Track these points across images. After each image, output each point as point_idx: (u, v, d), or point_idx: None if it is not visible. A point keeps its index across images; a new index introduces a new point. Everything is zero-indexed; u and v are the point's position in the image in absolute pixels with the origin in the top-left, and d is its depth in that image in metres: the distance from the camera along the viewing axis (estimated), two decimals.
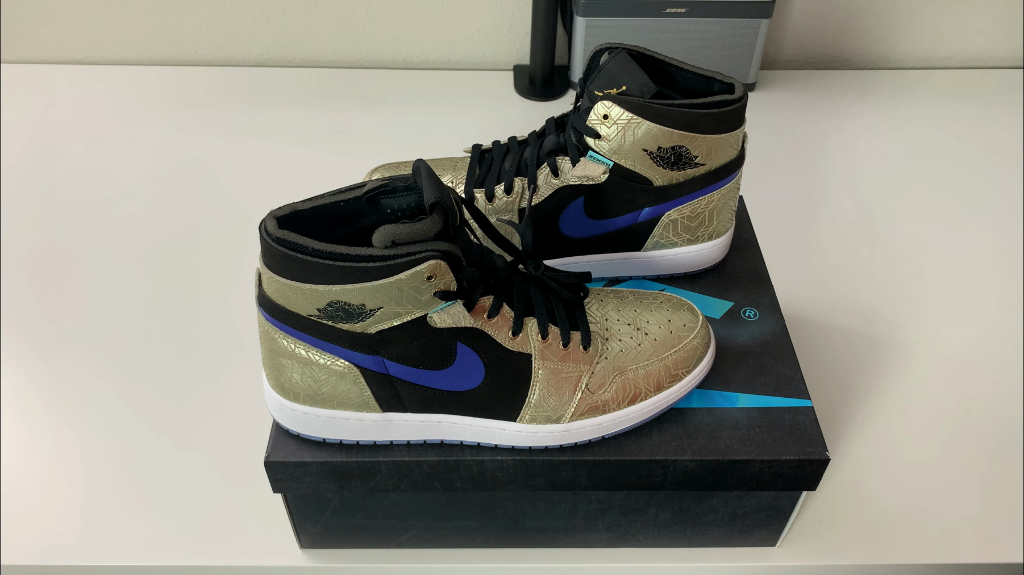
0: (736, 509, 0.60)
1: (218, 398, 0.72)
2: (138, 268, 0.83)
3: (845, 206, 0.93)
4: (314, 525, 0.60)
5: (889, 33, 1.13)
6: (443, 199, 0.47)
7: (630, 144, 0.59)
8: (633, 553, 0.63)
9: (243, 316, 0.79)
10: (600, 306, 0.57)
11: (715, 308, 0.65)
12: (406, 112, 1.05)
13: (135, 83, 1.08)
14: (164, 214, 0.89)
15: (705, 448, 0.55)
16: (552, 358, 0.53)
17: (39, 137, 0.99)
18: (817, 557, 0.63)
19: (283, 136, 1.00)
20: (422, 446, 0.55)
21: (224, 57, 1.13)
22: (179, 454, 0.68)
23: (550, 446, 0.55)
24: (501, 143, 0.66)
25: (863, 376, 0.75)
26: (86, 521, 0.63)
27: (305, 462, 0.55)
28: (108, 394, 0.72)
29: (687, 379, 0.57)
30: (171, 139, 0.99)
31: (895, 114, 1.07)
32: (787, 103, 1.08)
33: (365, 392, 0.52)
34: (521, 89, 1.09)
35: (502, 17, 1.10)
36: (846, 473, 0.67)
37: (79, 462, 0.67)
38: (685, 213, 0.63)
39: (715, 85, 0.61)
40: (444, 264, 0.47)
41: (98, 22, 1.09)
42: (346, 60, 1.14)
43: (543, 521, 0.61)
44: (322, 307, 0.48)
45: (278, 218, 0.48)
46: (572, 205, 0.62)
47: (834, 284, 0.83)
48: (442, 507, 0.59)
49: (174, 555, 0.62)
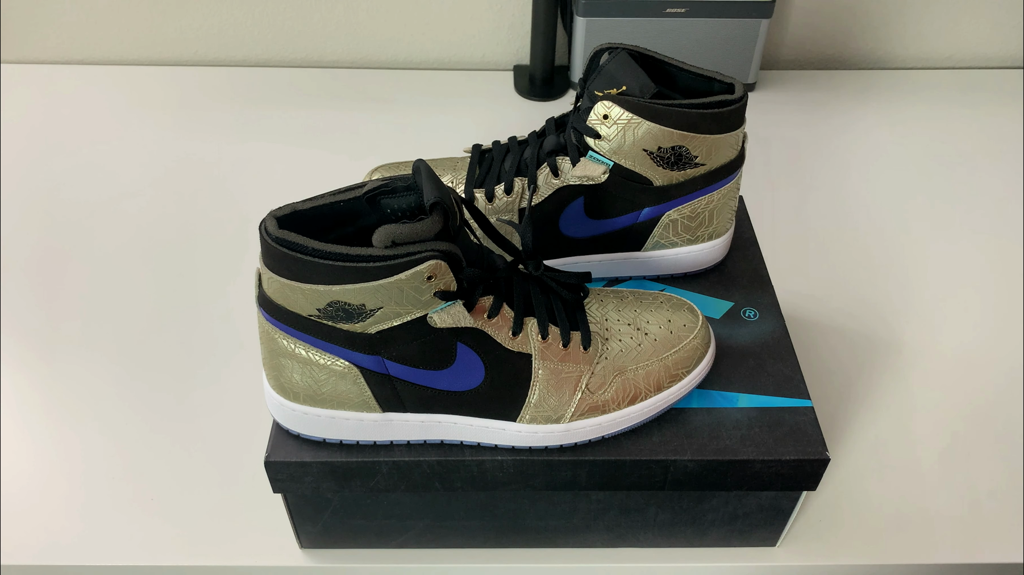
0: (736, 509, 0.60)
1: (218, 398, 0.72)
2: (138, 268, 0.83)
3: (845, 206, 0.93)
4: (314, 525, 0.60)
5: (889, 33, 1.13)
6: (443, 199, 0.47)
7: (630, 144, 0.59)
8: (633, 553, 0.63)
9: (243, 316, 0.79)
10: (600, 306, 0.57)
11: (715, 308, 0.65)
12: (406, 112, 1.05)
13: (135, 83, 1.08)
14: (164, 214, 0.89)
15: (705, 448, 0.55)
16: (552, 358, 0.53)
17: (39, 137, 0.99)
18: (817, 557, 0.63)
19: (283, 136, 1.00)
20: (422, 446, 0.55)
21: (224, 57, 1.13)
22: (179, 454, 0.68)
23: (550, 446, 0.55)
24: (501, 143, 0.66)
25: (863, 376, 0.75)
26: (86, 521, 0.63)
27: (305, 462, 0.55)
28: (108, 394, 0.72)
29: (687, 379, 0.57)
30: (171, 139, 0.99)
31: (895, 114, 1.07)
32: (787, 103, 1.08)
33: (365, 392, 0.52)
34: (521, 89, 1.09)
35: (502, 17, 1.10)
36: (846, 473, 0.67)
37: (79, 462, 0.67)
38: (685, 213, 0.63)
39: (715, 85, 0.61)
40: (444, 264, 0.47)
41: (98, 22, 1.09)
42: (346, 60, 1.14)
43: (543, 521, 0.61)
44: (322, 307, 0.48)
45: (278, 218, 0.48)
46: (572, 205, 0.62)
47: (834, 284, 0.83)
48: (442, 507, 0.59)
49: (174, 555, 0.62)
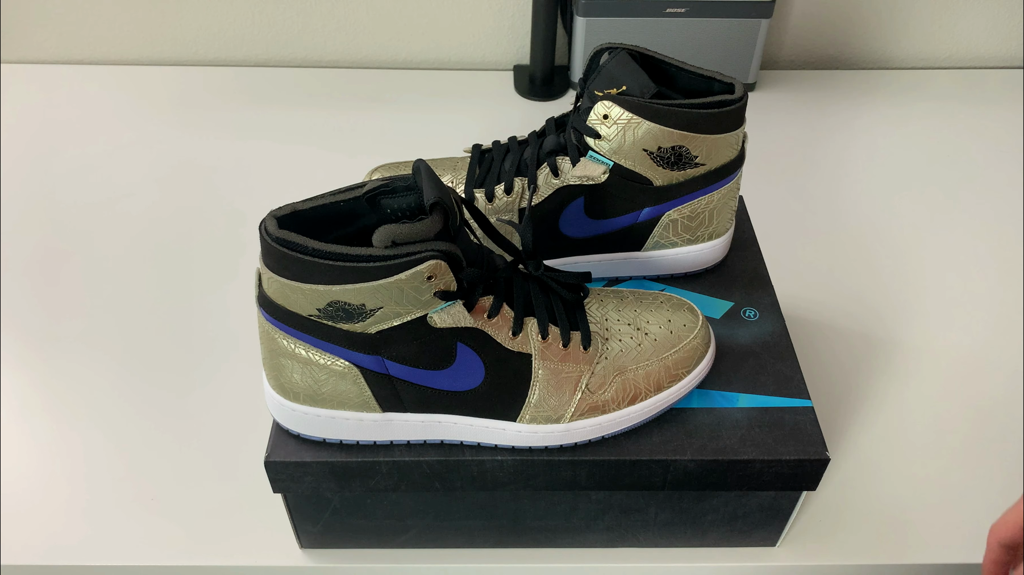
0: (736, 509, 0.60)
1: (218, 398, 0.72)
2: (138, 268, 0.83)
3: (845, 206, 0.93)
4: (314, 525, 0.60)
5: (889, 33, 1.13)
6: (443, 199, 0.47)
7: (630, 144, 0.59)
8: (633, 553, 0.63)
9: (243, 316, 0.79)
10: (600, 306, 0.57)
11: (715, 308, 0.65)
12: (406, 112, 1.05)
13: (135, 83, 1.08)
14: (164, 214, 0.89)
15: (705, 448, 0.55)
16: (552, 358, 0.53)
17: (39, 137, 0.99)
18: (817, 557, 0.63)
19: (283, 136, 1.00)
20: (422, 446, 0.55)
21: (224, 57, 1.13)
22: (180, 454, 0.68)
23: (550, 446, 0.55)
24: (501, 143, 0.66)
25: (863, 376, 0.75)
26: (86, 521, 0.63)
27: (305, 462, 0.55)
28: (109, 394, 0.72)
29: (687, 379, 0.57)
30: (171, 139, 0.99)
31: (895, 114, 1.07)
32: (787, 103, 1.08)
33: (365, 392, 0.52)
34: (521, 89, 1.09)
35: (502, 17, 1.10)
36: (846, 473, 0.67)
37: (80, 463, 0.67)
38: (685, 213, 0.63)
39: (715, 85, 0.61)
40: (444, 264, 0.47)
41: (98, 22, 1.09)
42: (346, 60, 1.14)
43: (543, 521, 0.61)
44: (322, 307, 0.48)
45: (278, 218, 0.48)
46: (572, 205, 0.62)
47: (834, 284, 0.83)
48: (442, 507, 0.59)
49: (174, 555, 0.62)
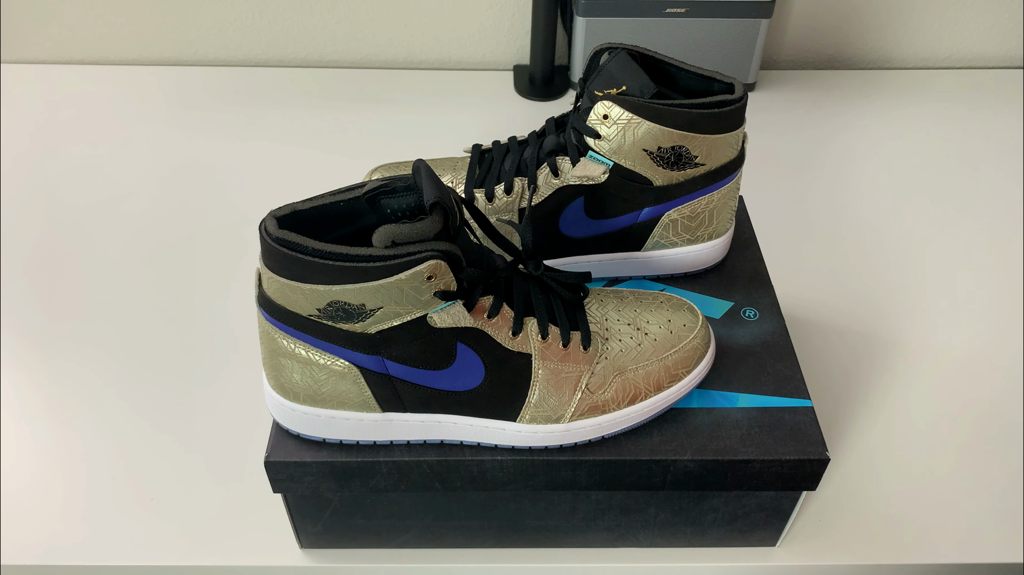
0: (736, 509, 0.60)
1: (218, 398, 0.72)
2: (138, 268, 0.83)
3: (845, 206, 0.93)
4: (314, 525, 0.60)
5: (889, 33, 1.13)
6: (443, 199, 0.47)
7: (630, 144, 0.59)
8: (633, 553, 0.63)
9: (243, 316, 0.79)
10: (600, 306, 0.57)
11: (715, 308, 0.65)
12: (406, 112, 1.05)
13: (135, 83, 1.08)
14: (164, 214, 0.89)
15: (705, 448, 0.55)
16: (552, 358, 0.53)
17: (39, 137, 0.99)
18: (817, 557, 0.63)
19: (283, 136, 1.00)
20: (422, 446, 0.55)
21: (224, 57, 1.13)
22: (180, 454, 0.68)
23: (550, 446, 0.55)
24: (501, 143, 0.66)
25: (863, 376, 0.75)
26: (86, 521, 0.63)
27: (305, 462, 0.55)
28: (108, 394, 0.72)
29: (687, 379, 0.57)
30: (171, 139, 0.99)
31: (895, 114, 1.07)
32: (787, 103, 1.08)
33: (365, 392, 0.52)
34: (521, 89, 1.09)
35: (502, 17, 1.10)
36: (846, 473, 0.67)
37: (79, 463, 0.67)
38: (685, 213, 0.63)
39: (715, 85, 0.61)
40: (444, 264, 0.47)
41: (98, 22, 1.09)
42: (346, 60, 1.14)
43: (543, 521, 0.61)
44: (322, 307, 0.48)
45: (278, 218, 0.48)
46: (572, 205, 0.62)
47: (834, 284, 0.83)
48: (442, 507, 0.59)
49: (174, 555, 0.62)
